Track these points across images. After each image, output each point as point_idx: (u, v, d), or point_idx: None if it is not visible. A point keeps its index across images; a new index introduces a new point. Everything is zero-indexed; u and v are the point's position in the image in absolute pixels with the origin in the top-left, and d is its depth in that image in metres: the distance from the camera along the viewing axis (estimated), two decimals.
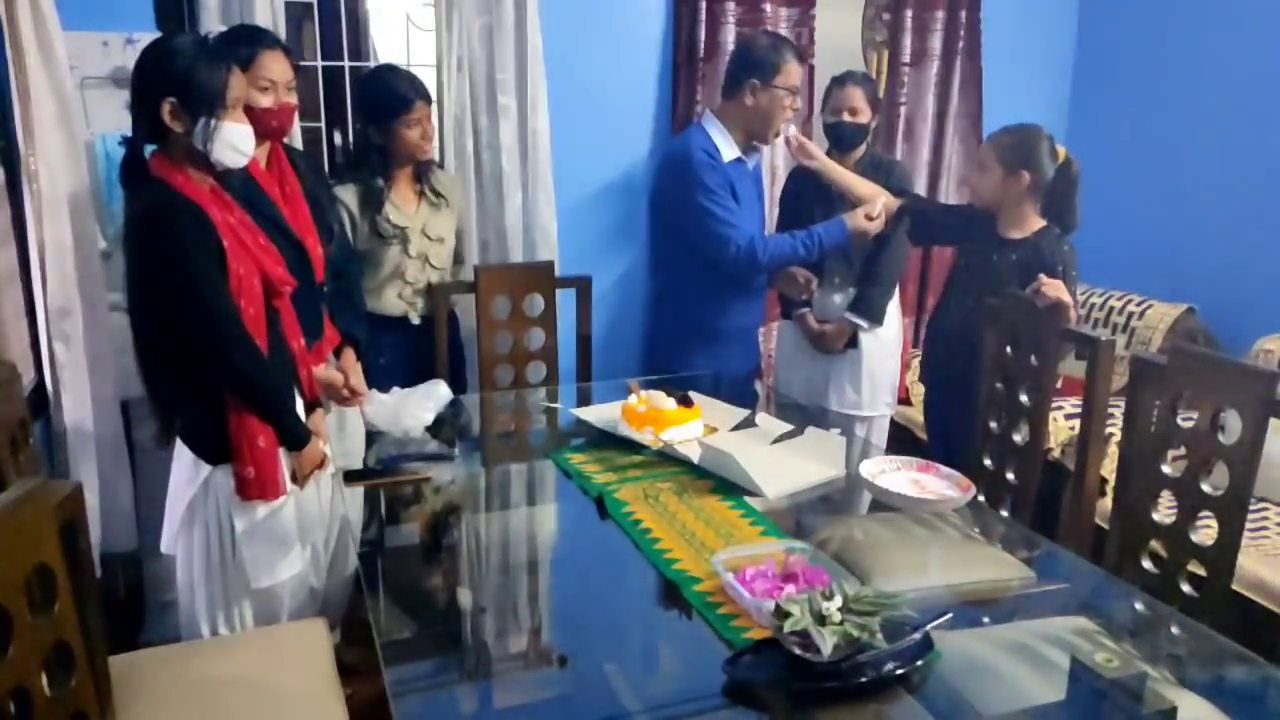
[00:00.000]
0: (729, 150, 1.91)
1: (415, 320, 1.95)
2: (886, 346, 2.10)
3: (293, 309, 1.40)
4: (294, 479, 1.37)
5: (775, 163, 2.56)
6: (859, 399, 2.08)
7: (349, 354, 1.66)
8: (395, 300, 1.92)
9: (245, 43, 1.46)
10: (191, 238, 1.22)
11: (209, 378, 1.28)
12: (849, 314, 2.03)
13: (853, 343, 2.06)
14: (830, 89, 2.04)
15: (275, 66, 1.47)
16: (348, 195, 1.85)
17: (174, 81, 1.22)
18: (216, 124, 1.23)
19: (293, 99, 1.52)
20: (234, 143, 1.26)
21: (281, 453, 1.33)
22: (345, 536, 1.59)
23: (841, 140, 2.02)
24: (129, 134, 1.27)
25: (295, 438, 1.34)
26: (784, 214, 2.16)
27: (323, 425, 1.47)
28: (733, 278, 1.94)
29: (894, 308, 2.11)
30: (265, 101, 1.46)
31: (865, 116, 1.99)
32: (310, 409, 1.46)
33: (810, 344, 2.10)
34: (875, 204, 1.86)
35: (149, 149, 1.27)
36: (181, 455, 1.34)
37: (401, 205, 1.90)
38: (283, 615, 1.43)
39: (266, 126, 1.46)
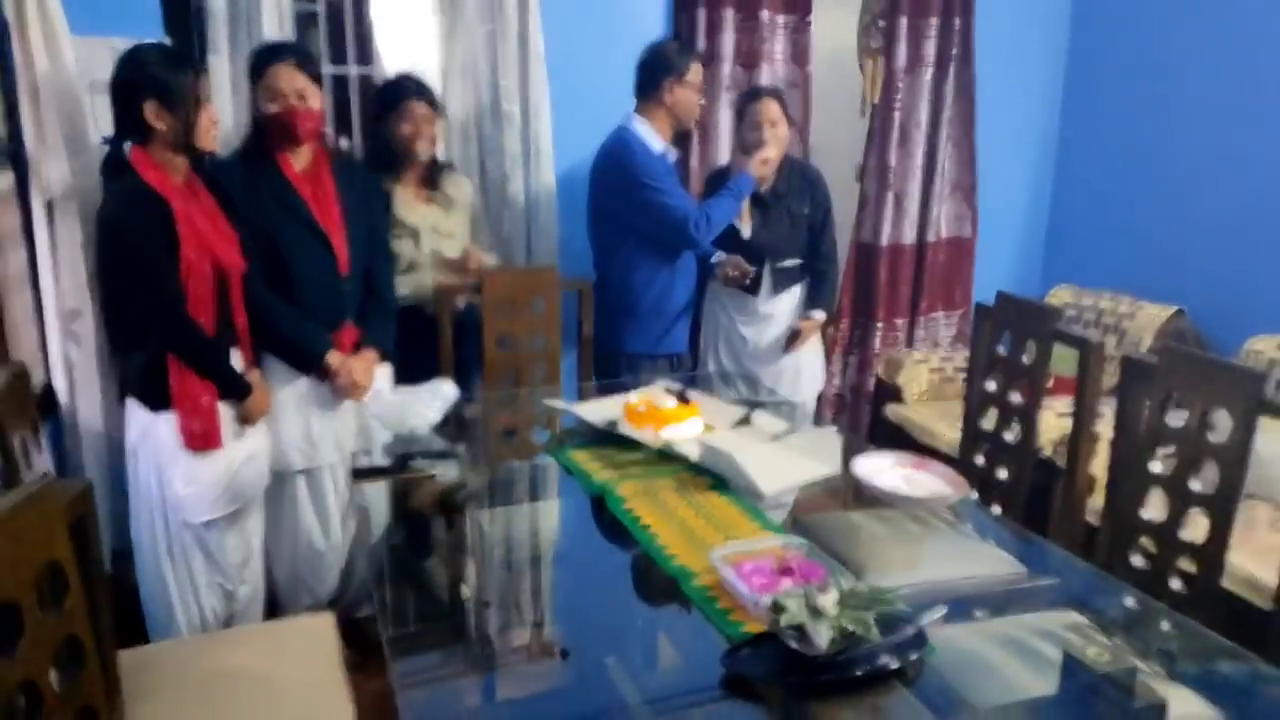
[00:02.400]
0: (656, 144, 2.05)
1: (431, 311, 2.00)
2: (814, 339, 2.29)
3: (240, 290, 1.56)
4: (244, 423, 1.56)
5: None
6: (791, 386, 2.25)
7: (366, 354, 1.75)
8: (410, 293, 1.97)
9: (262, 57, 1.62)
10: (148, 228, 1.40)
11: (155, 342, 1.45)
12: (813, 312, 2.23)
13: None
14: (747, 104, 2.16)
15: (276, 79, 1.60)
16: None
17: (157, 85, 1.41)
18: (196, 117, 1.44)
19: (307, 104, 1.62)
20: (209, 130, 1.48)
21: (222, 408, 1.51)
22: (363, 529, 1.70)
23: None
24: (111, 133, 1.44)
25: (238, 389, 1.54)
26: None
27: (261, 381, 1.62)
28: (665, 259, 2.07)
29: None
30: (273, 108, 1.59)
31: (784, 128, 2.15)
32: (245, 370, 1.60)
33: (782, 347, 2.25)
34: (766, 149, 2.08)
35: (128, 145, 1.43)
36: (132, 408, 1.51)
37: (413, 205, 1.97)
38: (227, 557, 1.58)
39: (279, 131, 1.61)
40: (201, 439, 1.48)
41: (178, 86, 1.42)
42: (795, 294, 2.25)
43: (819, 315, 2.25)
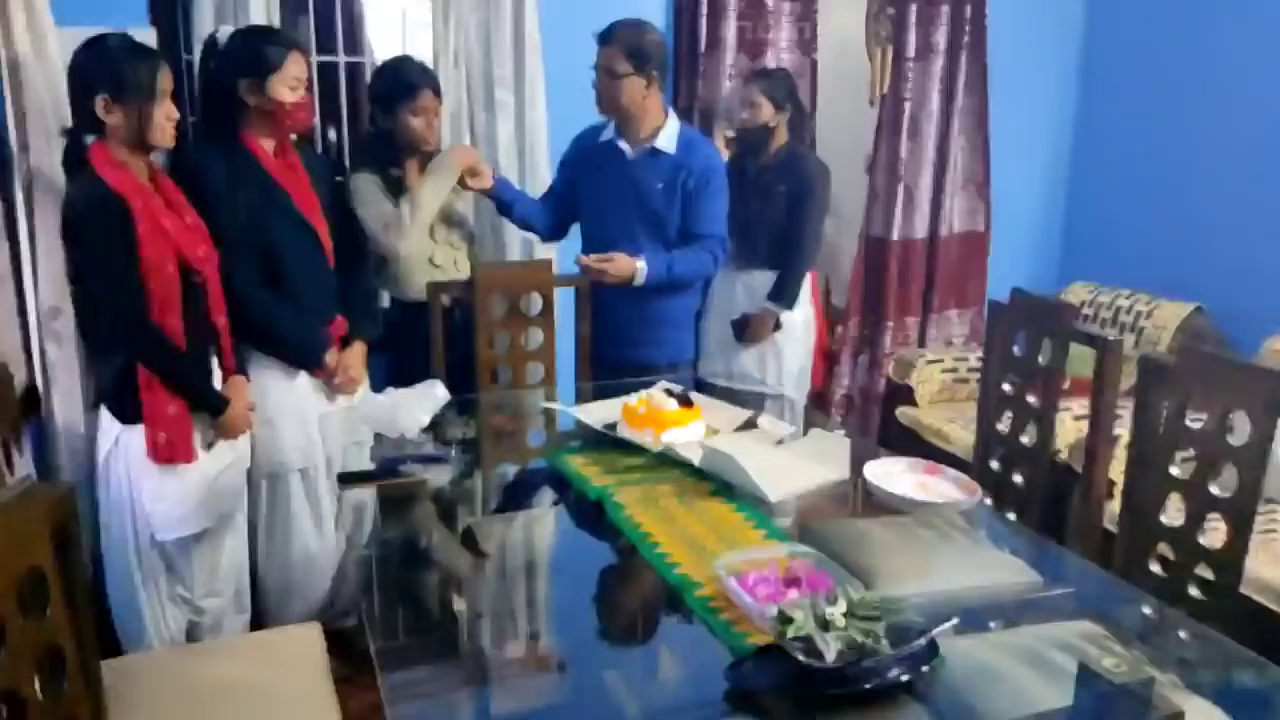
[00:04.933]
0: (608, 131, 2.00)
1: (445, 303, 1.97)
2: (794, 330, 2.26)
3: (219, 286, 1.51)
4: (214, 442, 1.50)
5: None
6: (763, 376, 2.25)
7: (356, 347, 1.74)
8: (425, 286, 1.95)
9: (279, 45, 1.57)
10: (106, 230, 1.34)
11: (121, 348, 1.42)
12: (768, 303, 2.20)
13: (775, 325, 2.23)
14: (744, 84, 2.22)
15: (296, 67, 1.57)
16: (365, 185, 1.88)
17: (107, 78, 1.34)
18: (149, 111, 1.36)
19: (310, 95, 1.64)
20: (165, 126, 1.40)
21: (194, 419, 1.45)
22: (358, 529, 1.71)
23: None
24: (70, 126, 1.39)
25: (210, 405, 1.47)
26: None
27: (244, 390, 1.56)
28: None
29: (805, 294, 2.26)
30: (292, 98, 1.56)
31: (767, 111, 2.16)
32: (226, 377, 1.55)
33: (735, 338, 2.23)
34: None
35: (90, 139, 1.38)
36: (105, 416, 1.47)
37: None
38: (191, 571, 1.55)
39: (294, 120, 1.59)
40: (168, 450, 1.42)
41: (130, 79, 1.34)
42: (757, 280, 2.22)
43: (770, 307, 2.20)
